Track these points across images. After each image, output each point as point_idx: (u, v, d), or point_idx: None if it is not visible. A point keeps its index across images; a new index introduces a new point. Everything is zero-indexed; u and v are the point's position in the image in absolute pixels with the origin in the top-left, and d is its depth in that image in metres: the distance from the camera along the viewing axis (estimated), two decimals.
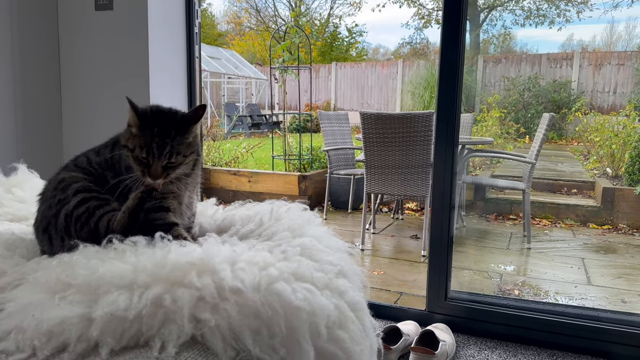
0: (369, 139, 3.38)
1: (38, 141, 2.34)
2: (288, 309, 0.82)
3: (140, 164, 1.00)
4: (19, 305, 0.82)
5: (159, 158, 0.99)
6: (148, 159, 0.99)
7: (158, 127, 0.99)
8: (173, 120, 1.02)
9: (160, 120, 1.01)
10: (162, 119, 1.01)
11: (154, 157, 0.99)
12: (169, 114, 1.04)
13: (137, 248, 0.94)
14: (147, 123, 1.00)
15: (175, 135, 1.00)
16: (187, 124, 1.03)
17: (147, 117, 1.00)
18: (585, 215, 4.41)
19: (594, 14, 13.28)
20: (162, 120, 1.01)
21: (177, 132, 1.01)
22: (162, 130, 0.99)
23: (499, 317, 2.01)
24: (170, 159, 1.00)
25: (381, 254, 3.47)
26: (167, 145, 0.99)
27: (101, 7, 2.28)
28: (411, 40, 17.77)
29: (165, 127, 1.00)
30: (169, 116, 1.03)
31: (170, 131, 1.00)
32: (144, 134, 0.99)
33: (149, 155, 0.99)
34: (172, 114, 1.04)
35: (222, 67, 13.17)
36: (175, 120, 1.02)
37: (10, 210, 1.31)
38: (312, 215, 1.23)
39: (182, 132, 1.02)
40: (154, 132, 0.99)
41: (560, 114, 9.34)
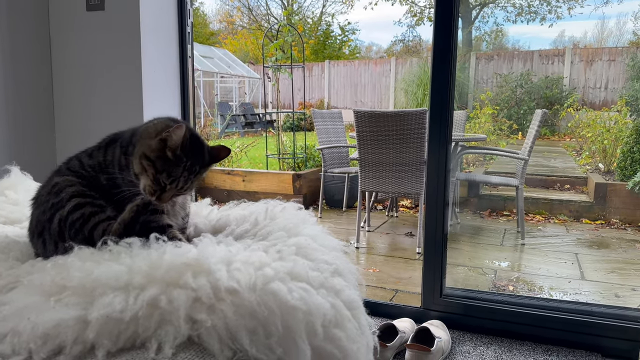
0: (362, 137, 3.38)
1: (30, 143, 2.32)
2: (284, 309, 0.82)
3: (156, 185, 0.99)
4: (14, 308, 0.82)
5: (178, 189, 1.01)
6: (166, 186, 1.00)
7: (191, 162, 1.01)
8: (201, 157, 1.04)
9: (193, 154, 1.02)
10: (194, 153, 1.02)
11: (174, 187, 1.00)
12: (201, 149, 1.04)
13: (132, 249, 0.94)
14: (184, 154, 1.00)
15: (199, 171, 1.03)
16: (210, 163, 1.05)
17: (186, 148, 1.00)
18: (579, 211, 4.44)
19: (584, 11, 13.37)
20: (194, 154, 1.02)
21: (201, 169, 1.04)
22: (192, 165, 1.01)
23: (494, 313, 2.02)
24: (184, 192, 1.03)
25: (376, 252, 3.48)
26: (190, 181, 1.02)
27: (92, 8, 2.26)
28: (404, 37, 17.81)
29: (194, 162, 1.02)
30: (200, 151, 1.04)
31: (196, 167, 1.02)
32: (178, 164, 0.99)
33: (171, 185, 1.00)
34: (202, 150, 1.04)
35: (214, 66, 13.13)
36: (203, 158, 1.04)
37: (4, 213, 1.30)
38: (307, 214, 1.23)
39: (204, 169, 1.04)
40: (185, 166, 1.00)
41: (553, 110, 9.40)
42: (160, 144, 0.99)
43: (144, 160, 0.99)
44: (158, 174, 0.98)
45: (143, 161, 0.99)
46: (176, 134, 0.98)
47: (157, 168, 0.98)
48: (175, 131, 0.97)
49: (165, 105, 2.37)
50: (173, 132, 0.97)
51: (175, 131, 0.97)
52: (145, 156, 0.99)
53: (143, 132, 1.04)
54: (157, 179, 0.99)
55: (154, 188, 0.99)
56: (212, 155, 1.06)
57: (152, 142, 1.00)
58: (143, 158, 0.99)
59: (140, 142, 1.02)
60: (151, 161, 0.99)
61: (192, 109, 2.52)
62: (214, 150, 1.06)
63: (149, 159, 0.99)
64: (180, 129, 0.97)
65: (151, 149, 0.99)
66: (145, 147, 1.00)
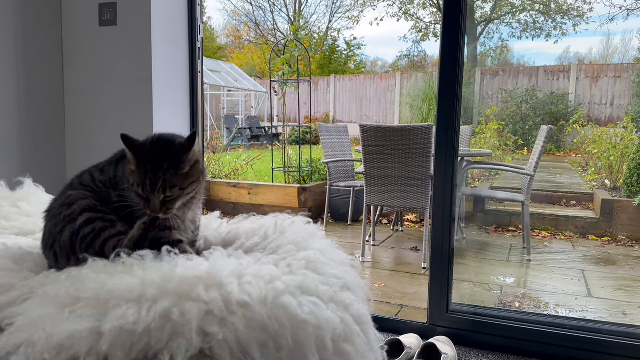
0: (368, 151, 3.40)
1: (43, 156, 2.35)
2: (294, 323, 0.83)
3: (140, 199, 1.01)
4: (28, 319, 0.83)
5: (154, 194, 0.99)
6: (146, 195, 1.00)
7: (151, 163, 0.99)
8: (166, 153, 1.01)
9: (154, 154, 1.00)
10: (156, 153, 1.00)
11: (150, 193, 0.99)
12: (164, 147, 1.02)
13: (145, 262, 0.95)
14: (141, 159, 1.00)
15: (168, 168, 1.00)
16: (181, 155, 1.01)
17: (142, 153, 1.01)
18: (585, 227, 4.43)
19: (590, 27, 13.42)
20: (156, 154, 1.00)
21: (170, 165, 1.00)
22: (155, 166, 0.99)
23: (501, 330, 2.01)
24: (166, 193, 1.00)
25: (381, 266, 3.48)
26: (160, 180, 0.99)
27: (105, 23, 2.31)
28: (409, 53, 17.91)
29: (158, 161, 0.99)
30: (163, 149, 1.01)
31: (162, 165, 0.99)
32: (139, 170, 1.00)
33: (144, 192, 1.00)
34: (166, 146, 1.02)
35: (221, 80, 13.24)
36: (168, 153, 1.01)
37: (17, 224, 1.32)
38: (316, 228, 1.24)
39: (175, 164, 1.01)
40: (147, 169, 0.99)
41: (558, 126, 9.40)
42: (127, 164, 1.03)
43: (127, 184, 1.03)
44: (133, 186, 1.01)
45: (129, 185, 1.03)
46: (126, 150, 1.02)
47: (131, 182, 1.02)
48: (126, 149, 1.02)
49: (174, 119, 2.40)
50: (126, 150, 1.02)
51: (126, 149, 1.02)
52: (128, 180, 1.03)
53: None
54: (137, 193, 1.01)
55: (142, 203, 1.01)
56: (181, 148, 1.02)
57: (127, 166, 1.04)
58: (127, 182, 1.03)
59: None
60: (128, 181, 1.03)
61: (202, 122, 2.55)
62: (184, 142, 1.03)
63: (129, 180, 1.03)
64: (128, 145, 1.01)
65: (127, 172, 1.03)
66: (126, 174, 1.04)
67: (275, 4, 19.52)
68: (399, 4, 16.10)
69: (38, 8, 2.29)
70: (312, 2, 22.27)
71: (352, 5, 18.36)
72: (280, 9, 19.75)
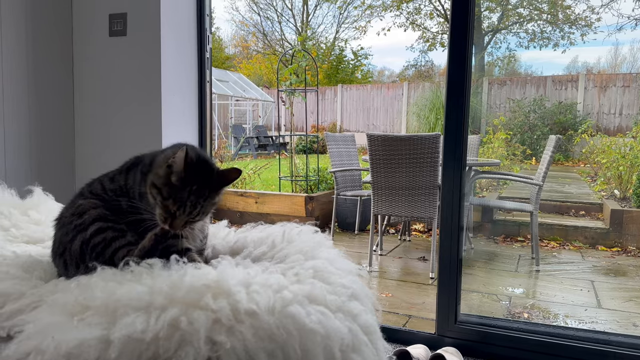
0: (376, 160, 3.40)
1: (52, 165, 2.38)
2: (302, 332, 0.83)
3: (166, 212, 1.00)
4: (38, 327, 0.83)
5: (187, 215, 1.01)
6: (175, 213, 1.00)
7: (197, 186, 1.00)
8: (210, 180, 1.02)
9: (199, 177, 1.01)
10: (201, 176, 1.01)
11: (183, 214, 1.00)
12: (208, 171, 1.03)
13: (154, 270, 0.95)
14: (188, 177, 0.99)
15: (208, 196, 1.02)
16: (220, 186, 1.04)
17: (191, 171, 1.00)
18: (594, 238, 4.39)
19: (598, 37, 13.38)
20: (201, 178, 1.01)
21: (210, 193, 1.02)
22: (199, 190, 1.00)
23: (509, 341, 1.99)
24: (195, 218, 1.02)
25: (389, 276, 3.46)
26: (199, 206, 1.01)
27: (115, 33, 2.33)
28: (416, 62, 17.94)
29: (202, 186, 1.01)
30: (207, 174, 1.03)
31: (204, 191, 1.01)
32: (183, 189, 0.99)
33: (179, 210, 1.00)
34: (210, 172, 1.03)
35: (229, 89, 13.32)
36: (211, 181, 1.03)
37: (27, 232, 1.33)
38: (323, 237, 1.24)
39: (214, 193, 1.04)
40: (191, 190, 0.99)
41: (567, 135, 9.36)
42: (166, 171, 1.00)
43: (153, 189, 1.00)
44: (165, 200, 0.99)
45: (152, 190, 1.00)
46: (178, 158, 0.98)
47: (163, 195, 0.99)
48: (178, 154, 0.98)
49: (183, 129, 2.42)
50: (176, 157, 0.98)
51: (178, 155, 0.98)
52: (154, 185, 1.00)
53: (156, 161, 1.04)
54: (165, 206, 0.99)
55: (164, 216, 1.00)
56: (222, 177, 1.05)
57: (160, 170, 1.00)
58: (152, 187, 1.00)
59: (151, 172, 1.03)
60: (158, 189, 1.00)
61: (210, 132, 2.56)
62: (224, 172, 1.05)
63: (157, 187, 1.00)
64: (182, 152, 0.97)
65: (158, 176, 1.00)
66: (154, 176, 1.01)
67: (283, 15, 19.68)
68: (406, 14, 16.17)
69: (49, 19, 2.33)
70: (319, 12, 22.45)
71: (359, 15, 18.46)
72: (287, 20, 19.89)
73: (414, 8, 16.05)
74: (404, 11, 16.11)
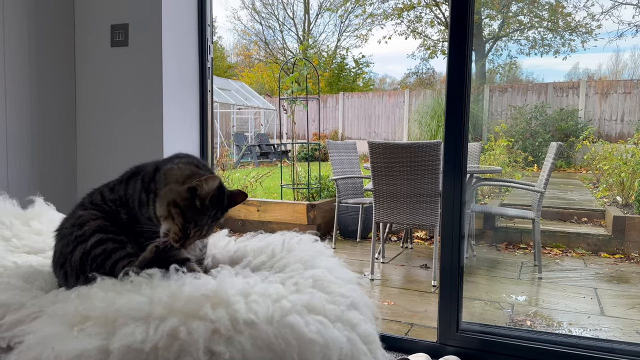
0: (377, 168, 3.40)
1: (54, 174, 2.39)
2: (301, 342, 0.83)
3: (183, 233, 1.01)
4: (38, 338, 0.84)
5: (201, 236, 1.04)
6: (191, 233, 1.01)
7: (215, 210, 1.03)
8: (223, 204, 1.06)
9: (218, 203, 1.04)
10: (220, 201, 1.04)
11: (197, 235, 1.03)
12: (223, 196, 1.06)
13: (153, 280, 0.95)
14: (212, 203, 1.02)
15: (219, 217, 1.06)
16: (228, 208, 1.08)
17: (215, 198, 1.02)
18: (597, 244, 4.37)
19: (598, 44, 13.41)
20: (219, 203, 1.04)
21: (221, 215, 1.06)
22: (216, 213, 1.04)
23: (512, 349, 1.99)
24: (205, 236, 1.06)
25: (391, 284, 3.45)
26: (212, 228, 1.05)
27: (117, 44, 2.35)
28: (417, 70, 17.99)
29: (217, 210, 1.04)
30: (222, 198, 1.06)
31: (218, 215, 1.05)
32: (205, 213, 1.02)
33: (196, 232, 1.02)
34: (224, 196, 1.06)
35: (231, 98, 13.38)
36: (223, 204, 1.06)
37: (29, 243, 1.33)
38: (323, 246, 1.24)
39: (223, 215, 1.07)
40: (211, 215, 1.03)
41: (568, 142, 9.35)
42: (190, 193, 1.00)
43: (173, 208, 1.00)
44: (187, 223, 1.00)
45: (172, 208, 1.00)
46: (209, 185, 1.00)
47: (186, 217, 1.00)
48: (209, 182, 1.00)
49: (184, 138, 2.43)
50: (205, 182, 0.99)
51: (208, 182, 1.00)
52: (175, 203, 1.00)
53: (168, 173, 1.05)
54: (185, 227, 1.00)
55: (179, 236, 1.01)
56: (231, 200, 1.08)
57: (182, 190, 1.01)
58: (172, 205, 1.00)
59: (167, 187, 1.03)
60: (181, 209, 1.00)
61: (211, 141, 2.57)
62: (232, 196, 1.08)
63: (179, 207, 1.00)
64: (214, 181, 1.00)
65: (181, 197, 1.00)
66: (174, 194, 1.01)
67: (284, 24, 19.78)
68: (407, 22, 16.24)
69: (51, 30, 2.35)
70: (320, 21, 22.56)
71: (361, 24, 18.55)
72: (289, 29, 20.00)
73: (414, 16, 16.13)
74: (405, 19, 16.19)
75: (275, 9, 19.64)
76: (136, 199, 1.07)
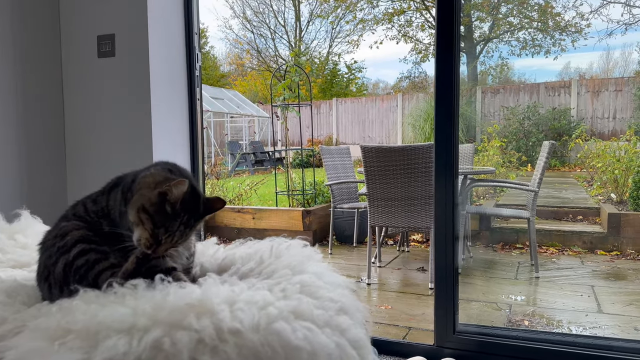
0: (370, 172, 3.39)
1: (41, 187, 2.37)
2: (288, 349, 0.82)
3: (153, 239, 0.98)
4: (19, 353, 0.82)
5: (173, 242, 1.01)
6: (162, 240, 0.99)
7: (188, 216, 1.00)
8: (197, 210, 1.03)
9: (190, 208, 1.01)
10: (192, 206, 1.01)
11: (169, 241, 1.00)
12: (197, 201, 1.03)
13: (137, 291, 0.94)
14: (183, 208, 0.99)
15: (194, 225, 1.03)
16: (204, 215, 1.05)
17: (186, 202, 0.99)
18: (592, 242, 4.37)
19: (589, 42, 13.51)
20: (192, 208, 1.01)
21: (196, 222, 1.03)
22: (188, 219, 1.01)
23: (510, 350, 1.97)
24: (178, 244, 1.02)
25: (388, 288, 3.43)
26: (185, 235, 1.01)
27: (104, 55, 2.34)
28: (410, 74, 18.05)
29: (191, 216, 1.01)
30: (196, 204, 1.03)
31: (192, 221, 1.02)
32: (175, 219, 0.99)
33: (167, 239, 0.99)
34: (199, 202, 1.03)
35: (225, 106, 13.38)
36: (198, 210, 1.03)
37: (14, 257, 1.31)
38: (313, 251, 1.23)
39: (198, 222, 1.04)
40: (182, 220, 1.00)
41: (561, 141, 9.39)
42: (159, 198, 0.98)
43: (142, 213, 0.98)
44: (156, 228, 0.98)
45: (141, 214, 0.98)
46: (178, 189, 0.97)
47: (155, 222, 0.98)
48: (177, 186, 0.96)
49: (174, 148, 2.41)
50: (174, 187, 0.96)
51: (177, 186, 0.96)
52: (144, 209, 0.98)
53: (141, 181, 1.02)
54: (155, 233, 0.98)
55: (150, 242, 0.98)
56: (207, 207, 1.05)
57: (152, 195, 0.98)
58: (141, 211, 0.98)
59: (138, 193, 1.00)
60: (150, 215, 0.97)
61: (201, 149, 2.56)
62: (209, 202, 1.06)
63: (147, 213, 0.98)
64: (183, 185, 0.96)
65: (150, 202, 0.98)
66: (144, 199, 0.98)
67: (276, 32, 19.84)
68: (397, 27, 16.32)
69: (36, 42, 2.33)
70: (312, 28, 22.64)
71: (352, 30, 18.61)
72: (281, 36, 20.04)
73: (405, 21, 16.22)
74: (396, 24, 16.27)
75: (267, 17, 19.70)
76: (117, 210, 1.05)
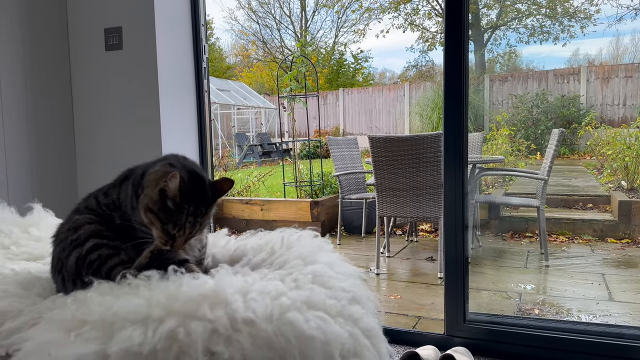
0: (378, 162, 3.39)
1: (52, 180, 2.38)
2: (301, 339, 0.82)
3: (167, 236, 0.99)
4: (35, 344, 0.83)
5: (187, 235, 1.01)
6: (175, 235, 0.99)
7: (193, 206, 0.99)
8: (204, 197, 1.02)
9: (194, 197, 1.00)
10: (196, 195, 1.00)
11: (183, 235, 1.00)
12: (202, 188, 1.02)
13: (151, 282, 0.94)
14: (184, 200, 0.98)
15: (205, 212, 1.02)
16: (214, 199, 1.04)
17: (185, 193, 0.98)
18: (603, 230, 4.34)
19: (598, 28, 13.32)
20: (196, 197, 1.00)
21: (207, 208, 1.02)
22: (195, 209, 1.00)
23: (520, 338, 1.97)
24: (195, 234, 1.02)
25: (397, 278, 3.44)
26: (197, 224, 1.01)
27: (111, 48, 2.34)
28: (417, 63, 17.92)
29: (198, 205, 1.00)
30: (201, 191, 1.02)
31: (201, 209, 1.01)
32: (180, 212, 0.98)
33: (179, 232, 0.99)
34: (204, 189, 1.03)
35: (231, 98, 13.37)
36: (205, 197, 1.02)
37: (27, 250, 1.33)
38: (323, 241, 1.23)
39: (209, 207, 1.03)
40: (189, 212, 0.99)
41: (571, 128, 9.29)
42: (159, 195, 0.98)
43: (149, 214, 0.98)
44: (165, 225, 0.98)
45: (148, 214, 0.99)
46: (172, 183, 0.96)
47: (162, 220, 0.98)
48: (171, 180, 0.96)
49: (183, 139, 2.42)
50: (170, 181, 0.96)
51: (170, 180, 0.96)
52: (149, 209, 0.99)
53: (147, 179, 1.02)
54: (165, 230, 0.98)
55: (164, 239, 0.99)
56: (216, 191, 1.04)
57: (153, 194, 0.98)
58: (148, 211, 0.99)
59: (144, 193, 1.01)
60: (155, 214, 0.98)
61: (210, 141, 2.56)
62: (217, 185, 1.05)
63: (153, 212, 0.98)
64: (174, 178, 0.96)
65: (153, 201, 0.98)
66: (147, 199, 0.99)
67: (281, 22, 19.74)
68: (404, 15, 16.18)
69: (45, 36, 2.34)
70: (317, 18, 22.52)
71: (358, 19, 18.48)
72: (286, 27, 19.95)
73: (411, 9, 16.06)
74: (402, 12, 16.12)
75: (272, 8, 19.60)
76: (128, 203, 1.06)
